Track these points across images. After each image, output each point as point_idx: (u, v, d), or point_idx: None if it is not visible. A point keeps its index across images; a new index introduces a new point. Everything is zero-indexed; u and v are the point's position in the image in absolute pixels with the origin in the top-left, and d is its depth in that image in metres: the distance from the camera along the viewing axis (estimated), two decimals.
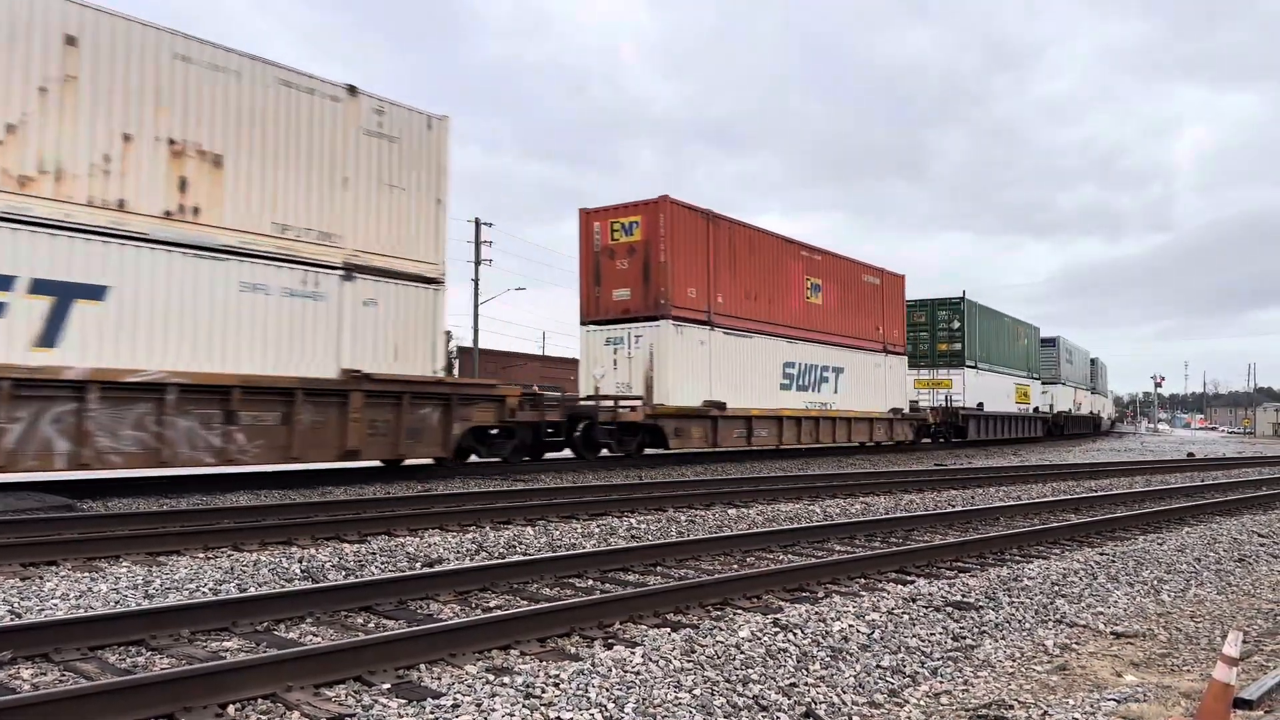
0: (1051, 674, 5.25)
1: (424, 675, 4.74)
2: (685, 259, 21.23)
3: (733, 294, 22.83)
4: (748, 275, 23.49)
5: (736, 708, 4.38)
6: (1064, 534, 10.50)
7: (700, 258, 21.75)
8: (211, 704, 4.13)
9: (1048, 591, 7.25)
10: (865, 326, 28.91)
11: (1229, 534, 10.90)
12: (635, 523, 10.72)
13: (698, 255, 21.67)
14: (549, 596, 6.78)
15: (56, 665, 4.78)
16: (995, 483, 17.82)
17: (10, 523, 9.12)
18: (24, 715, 3.67)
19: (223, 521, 9.85)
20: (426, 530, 9.81)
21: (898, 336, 31.18)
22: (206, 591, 6.66)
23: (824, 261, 26.92)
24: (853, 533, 10.19)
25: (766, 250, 24.33)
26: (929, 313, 37.51)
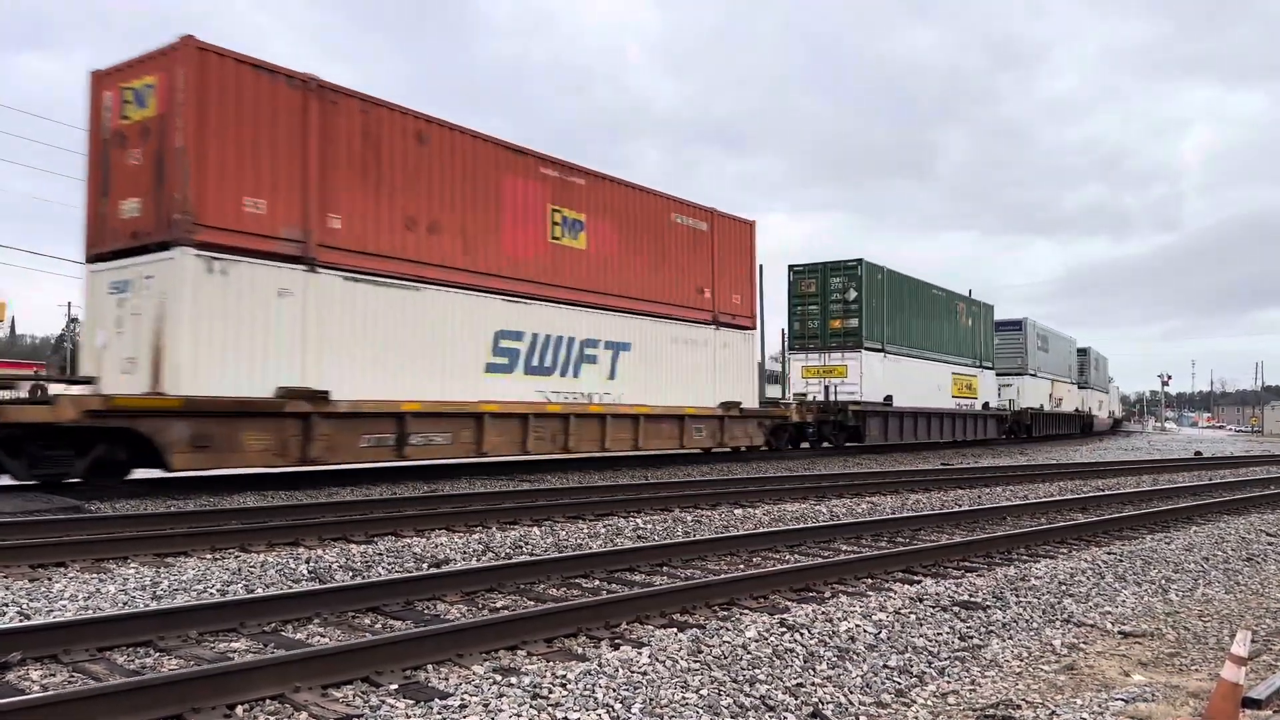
0: (1059, 674, 5.24)
1: (431, 676, 4.74)
2: (238, 148, 13.15)
3: (372, 219, 14.81)
4: (415, 193, 15.44)
5: (743, 708, 4.38)
6: (1071, 533, 10.47)
7: (284, 151, 13.70)
8: (220, 705, 4.14)
9: (1055, 591, 7.24)
10: (676, 287, 21.21)
11: (1237, 533, 10.87)
12: (641, 523, 10.72)
13: (277, 147, 13.61)
14: (556, 597, 6.78)
15: (65, 666, 4.79)
16: (1002, 482, 17.80)
17: (19, 524, 9.16)
18: (33, 716, 3.69)
19: (230, 523, 9.87)
20: (433, 531, 9.83)
21: (741, 305, 23.26)
22: (214, 592, 6.68)
23: (592, 189, 18.99)
24: (859, 532, 10.18)
25: (463, 159, 16.19)
26: (820, 280, 29.37)
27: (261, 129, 13.48)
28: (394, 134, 15.24)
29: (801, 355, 29.94)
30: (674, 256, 21.24)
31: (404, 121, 15.39)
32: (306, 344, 13.90)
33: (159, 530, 9.21)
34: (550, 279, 17.94)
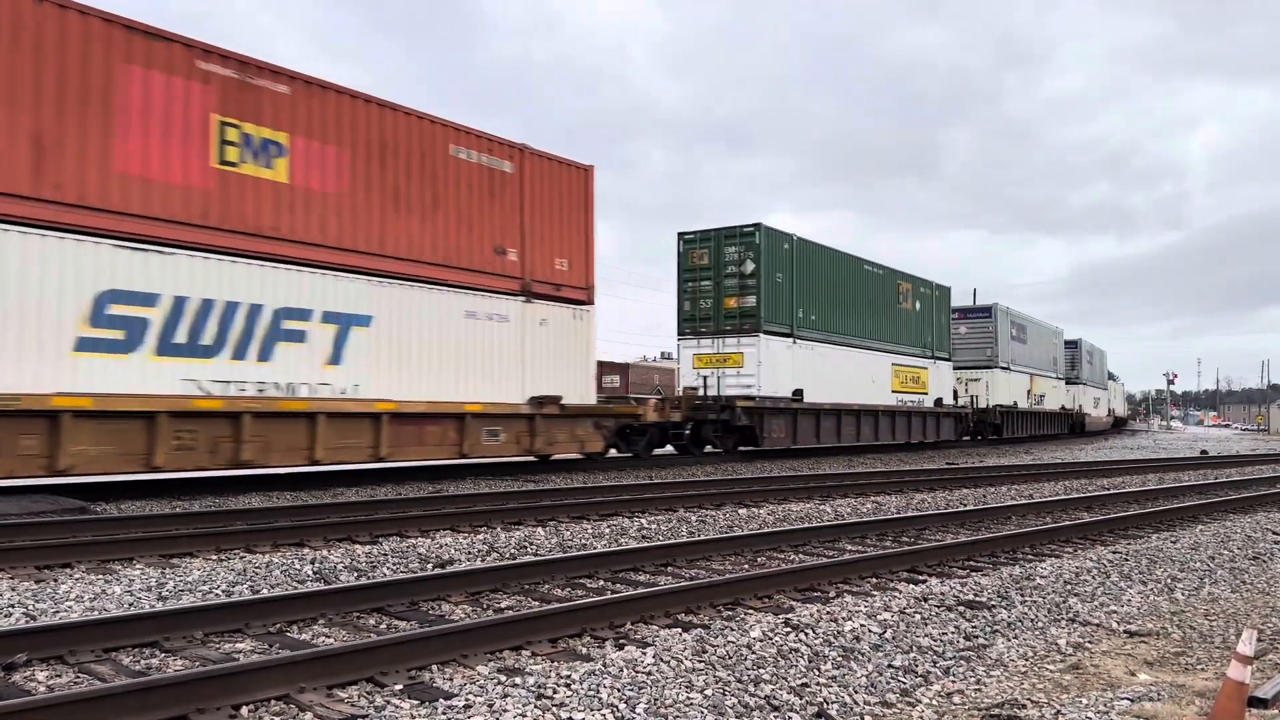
0: (1065, 673, 5.23)
1: (436, 676, 4.75)
2: None
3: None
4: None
5: (748, 708, 4.38)
6: (1076, 532, 10.46)
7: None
8: (225, 705, 4.14)
9: (1060, 590, 7.23)
10: (459, 244, 16.07)
11: (1243, 532, 10.84)
12: (646, 523, 10.72)
13: None
14: (560, 597, 6.78)
15: (71, 667, 4.80)
16: (1007, 481, 17.77)
17: (25, 525, 9.18)
18: (39, 717, 3.70)
19: (235, 523, 9.89)
20: (438, 531, 9.83)
21: (571, 273, 18.23)
22: (219, 593, 6.69)
23: (303, 102, 13.89)
24: (864, 532, 10.17)
25: (35, 34, 11.17)
26: (714, 250, 23.98)
27: None
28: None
29: (693, 341, 24.58)
30: (455, 204, 16.00)
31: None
32: None
33: (164, 531, 9.23)
34: (217, 220, 12.80)
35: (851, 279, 27.65)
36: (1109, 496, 14.54)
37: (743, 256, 23.68)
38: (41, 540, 8.42)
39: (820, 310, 25.88)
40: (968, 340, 37.63)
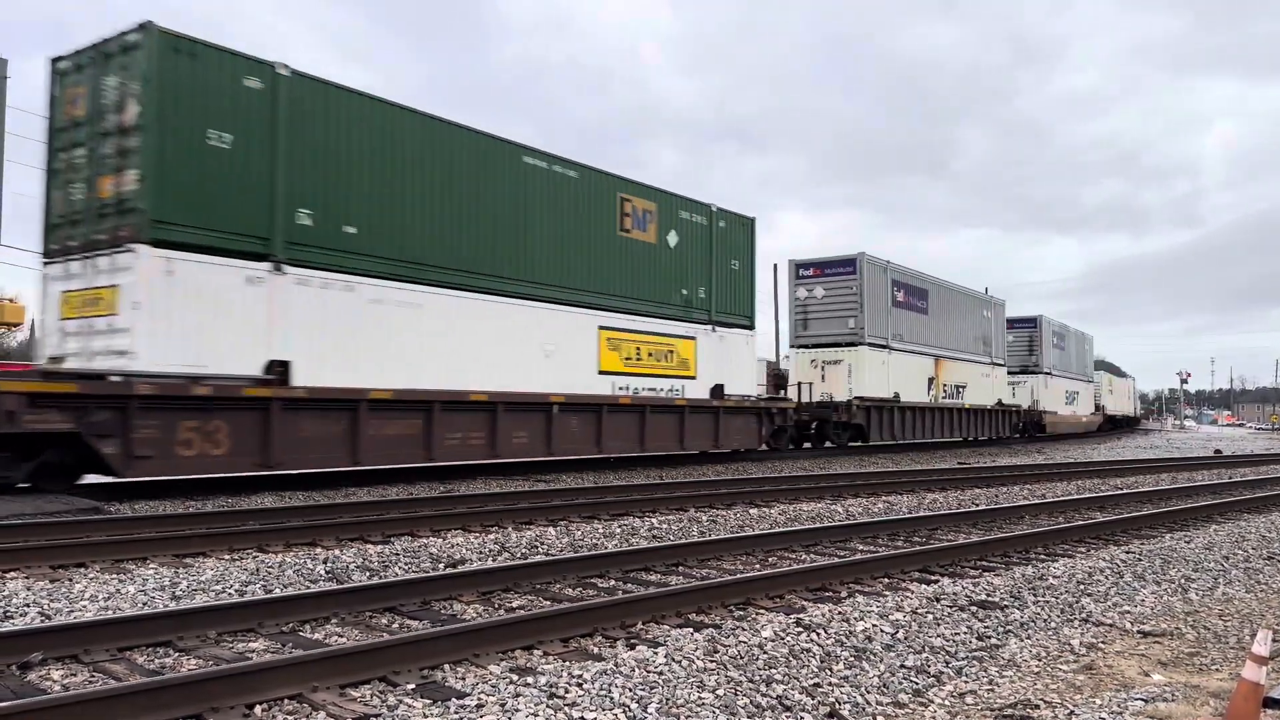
0: (1078, 673, 5.21)
1: (448, 675, 4.76)
2: None
3: None
4: None
5: (760, 708, 4.38)
6: (1089, 532, 10.41)
7: None
8: (239, 704, 4.16)
9: (1073, 590, 7.20)
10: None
11: (1258, 532, 10.78)
12: (657, 523, 10.72)
13: None
14: (572, 597, 6.79)
15: (86, 666, 4.83)
16: (1019, 481, 17.71)
17: (40, 525, 9.24)
18: (55, 716, 3.72)
19: (248, 523, 9.92)
20: (449, 531, 9.85)
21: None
22: (233, 593, 6.72)
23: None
24: (875, 532, 10.15)
25: None
26: (90, 88, 12.61)
27: None
28: None
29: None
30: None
31: None
32: None
33: (177, 531, 9.27)
34: None
35: (481, 173, 16.29)
36: (1122, 496, 14.48)
37: (120, 94, 12.52)
38: (56, 540, 8.47)
39: (359, 210, 14.39)
40: (827, 306, 28.03)
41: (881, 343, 28.54)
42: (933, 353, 31.86)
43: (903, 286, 30.19)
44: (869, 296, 27.92)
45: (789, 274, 29.77)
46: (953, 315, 33.84)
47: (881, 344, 28.52)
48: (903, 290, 30.16)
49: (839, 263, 28.21)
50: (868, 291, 27.88)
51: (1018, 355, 42.39)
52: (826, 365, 27.83)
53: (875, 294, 28.32)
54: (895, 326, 29.54)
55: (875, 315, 28.26)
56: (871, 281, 28.19)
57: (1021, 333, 43.03)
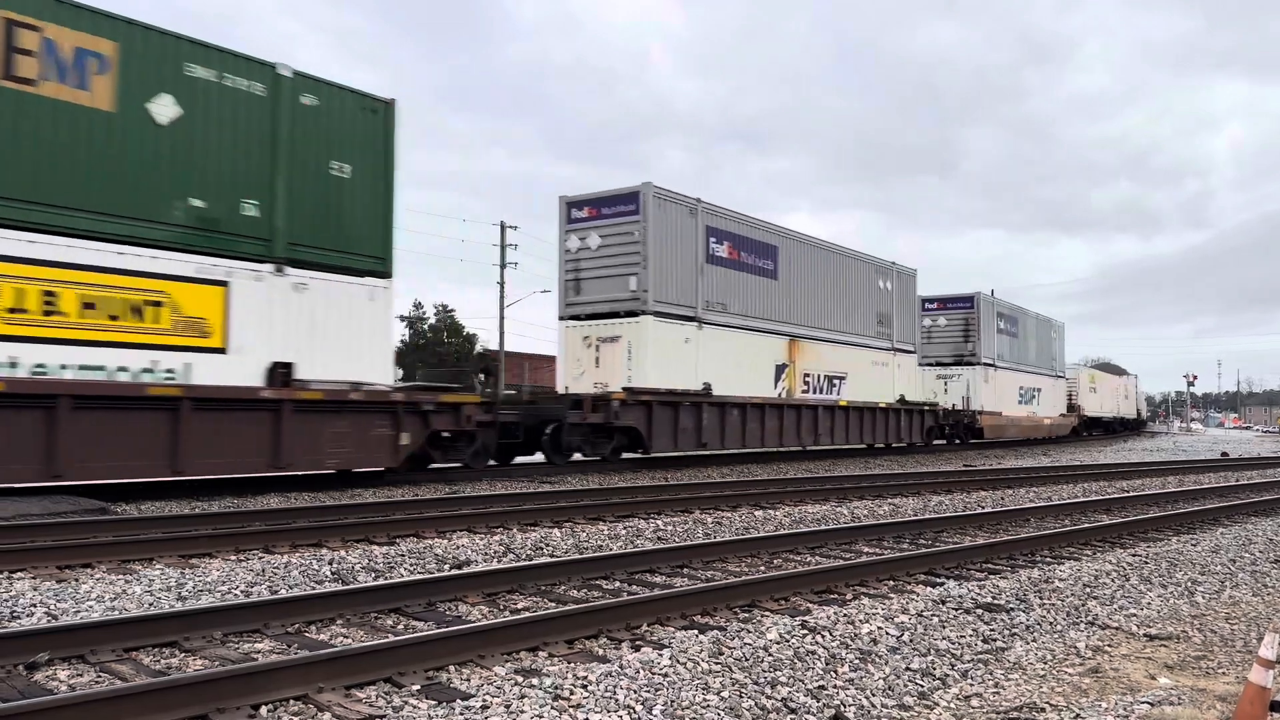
0: (1084, 676, 5.19)
1: (453, 676, 4.76)
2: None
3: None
4: None
5: (765, 710, 4.37)
6: (1095, 535, 10.39)
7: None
8: (244, 705, 4.17)
9: (1079, 593, 7.18)
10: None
11: (1264, 534, 10.75)
12: (662, 524, 10.72)
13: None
14: (576, 598, 6.79)
15: (92, 666, 4.84)
16: (1025, 484, 17.67)
17: (46, 525, 9.27)
18: (61, 716, 3.73)
19: (254, 524, 9.94)
20: (454, 532, 9.86)
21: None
22: (238, 593, 6.73)
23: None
24: (881, 534, 10.14)
25: None
26: None
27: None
28: None
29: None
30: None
31: None
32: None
33: (183, 532, 9.30)
34: None
35: None
36: (1128, 499, 14.44)
37: None
38: (63, 540, 8.50)
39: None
40: (603, 262, 20.23)
41: (683, 312, 20.56)
42: (786, 331, 23.58)
43: (727, 238, 21.70)
44: (658, 246, 19.82)
45: (560, 215, 21.15)
46: (822, 283, 25.25)
47: (683, 314, 20.57)
48: (727, 243, 21.65)
49: (616, 202, 20.13)
50: (655, 239, 19.72)
51: (948, 342, 35.26)
52: (601, 344, 20.15)
53: (671, 243, 20.26)
54: (711, 291, 21.29)
55: (670, 273, 20.18)
56: (664, 226, 20.01)
57: (955, 315, 35.35)
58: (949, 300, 35.91)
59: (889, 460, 25.41)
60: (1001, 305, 37.67)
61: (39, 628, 5.14)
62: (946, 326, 35.74)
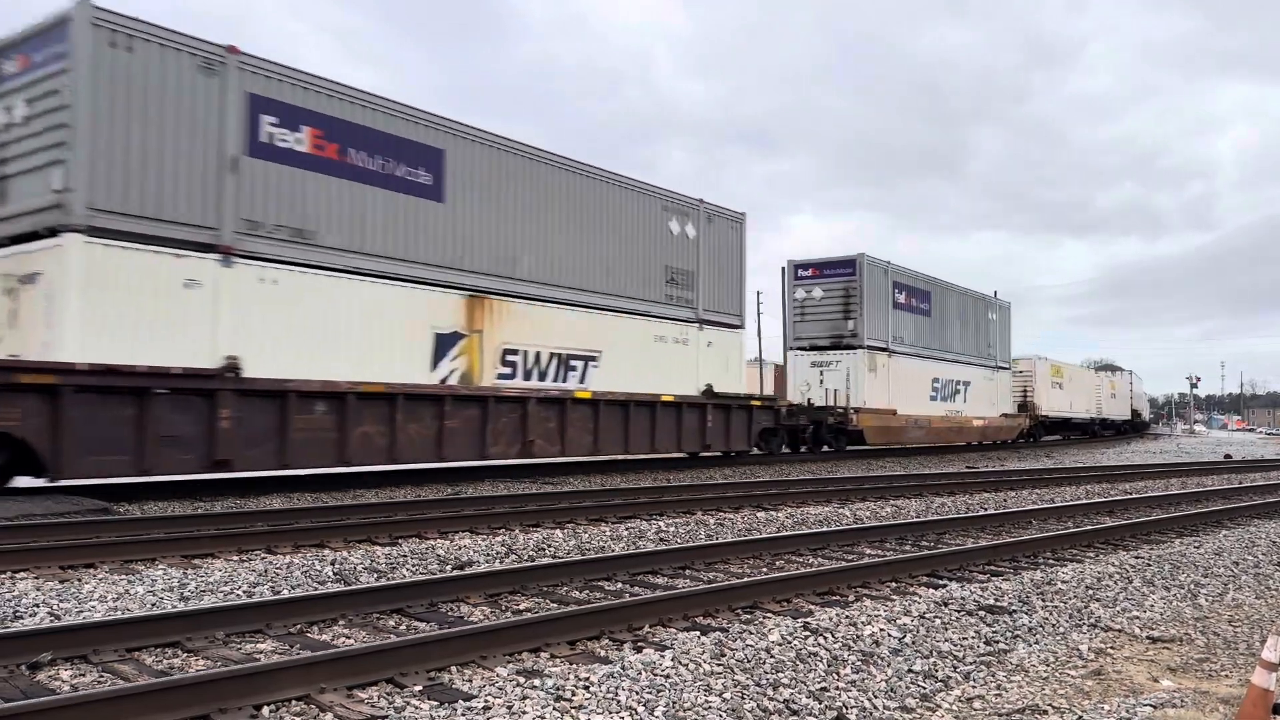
0: (1086, 679, 5.19)
1: (455, 677, 4.76)
2: None
3: None
4: None
5: (767, 711, 4.37)
6: (1098, 537, 10.38)
7: None
8: (246, 705, 4.17)
9: (1082, 595, 7.17)
10: None
11: (1268, 537, 10.73)
12: (664, 526, 10.72)
13: None
14: (578, 599, 6.79)
15: (95, 666, 4.85)
16: (1028, 486, 17.65)
17: (49, 525, 9.28)
18: (63, 716, 3.73)
19: (256, 524, 9.95)
20: (457, 533, 9.86)
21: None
22: (241, 594, 6.74)
23: None
24: (883, 536, 10.13)
25: None
26: None
27: None
28: None
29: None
30: None
31: None
32: None
33: (186, 532, 9.30)
34: None
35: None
36: (1131, 501, 14.42)
37: None
38: (65, 540, 8.50)
39: None
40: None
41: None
42: (457, 283, 16.17)
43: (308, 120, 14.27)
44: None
45: None
46: (548, 216, 17.81)
47: (194, 242, 12.77)
48: (309, 128, 14.36)
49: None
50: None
51: (825, 320, 27.80)
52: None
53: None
54: (256, 203, 13.43)
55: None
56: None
57: (834, 284, 27.71)
58: (827, 266, 28.02)
59: (891, 462, 25.38)
60: (903, 274, 29.49)
61: (42, 627, 5.15)
62: (824, 300, 27.91)
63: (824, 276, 28.10)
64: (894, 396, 28.23)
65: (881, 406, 27.44)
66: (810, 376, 27.76)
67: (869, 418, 26.62)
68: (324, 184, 14.18)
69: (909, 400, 29.10)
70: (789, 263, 28.67)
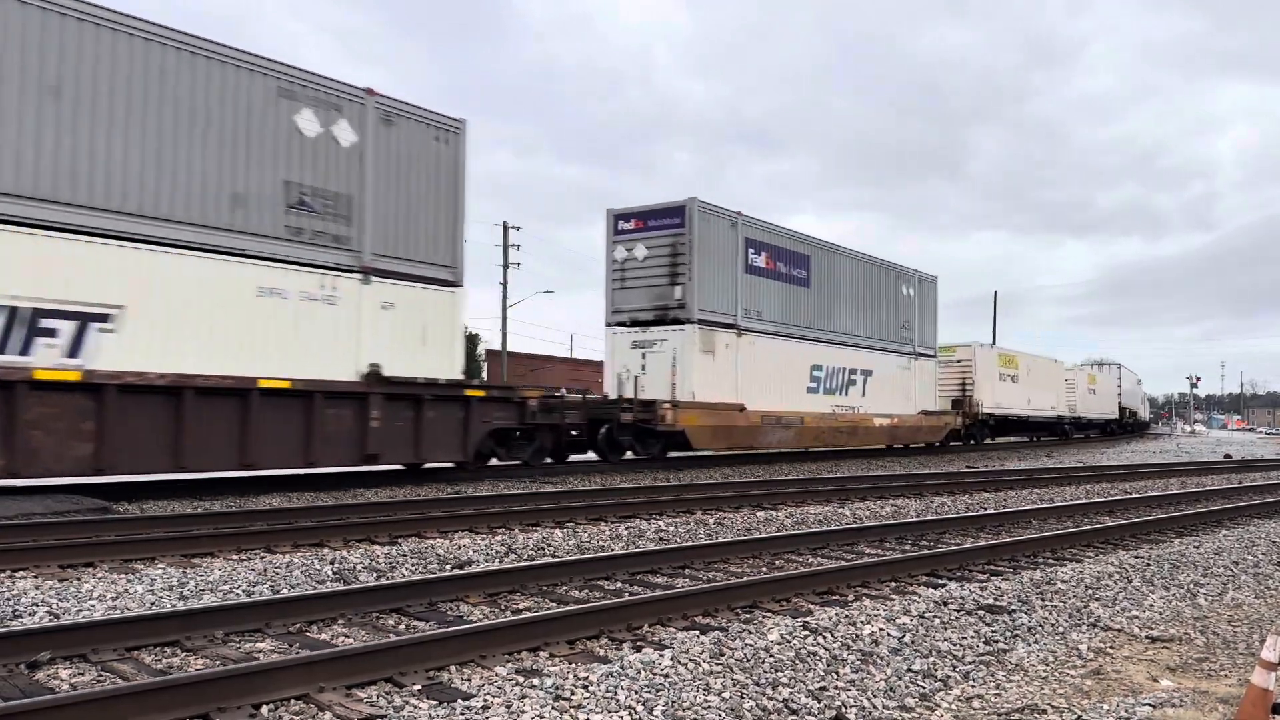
0: (1085, 678, 5.19)
1: (454, 677, 4.76)
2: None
3: None
4: None
5: (766, 711, 4.37)
6: (1098, 537, 10.38)
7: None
8: (245, 704, 4.17)
9: (1081, 595, 7.17)
10: None
11: (1267, 537, 10.73)
12: (663, 525, 10.71)
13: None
14: (578, 599, 6.79)
15: (94, 665, 4.84)
16: (1028, 485, 17.65)
17: (49, 525, 9.28)
18: (62, 715, 3.73)
19: (256, 524, 9.95)
20: (456, 532, 9.86)
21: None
22: (240, 593, 6.73)
23: None
24: (882, 535, 10.13)
25: None
26: None
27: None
28: None
29: None
30: None
31: None
32: None
33: (186, 531, 9.30)
34: None
35: None
36: (1131, 500, 14.42)
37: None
38: (65, 539, 8.50)
39: None
40: None
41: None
42: None
43: None
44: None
45: None
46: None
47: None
48: None
49: None
50: None
51: (650, 287, 21.23)
52: None
53: None
54: None
55: None
56: None
57: (659, 241, 21.10)
58: (653, 215, 21.35)
59: (891, 462, 25.37)
60: (763, 230, 22.79)
61: (41, 626, 5.14)
62: (647, 261, 21.34)
63: (649, 230, 21.28)
64: (744, 388, 21.76)
65: (719, 400, 20.95)
66: (631, 360, 21.09)
67: (694, 414, 20.14)
68: None
69: (770, 393, 22.49)
70: (608, 212, 21.96)
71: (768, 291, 22.82)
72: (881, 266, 27.36)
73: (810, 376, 24.23)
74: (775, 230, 23.35)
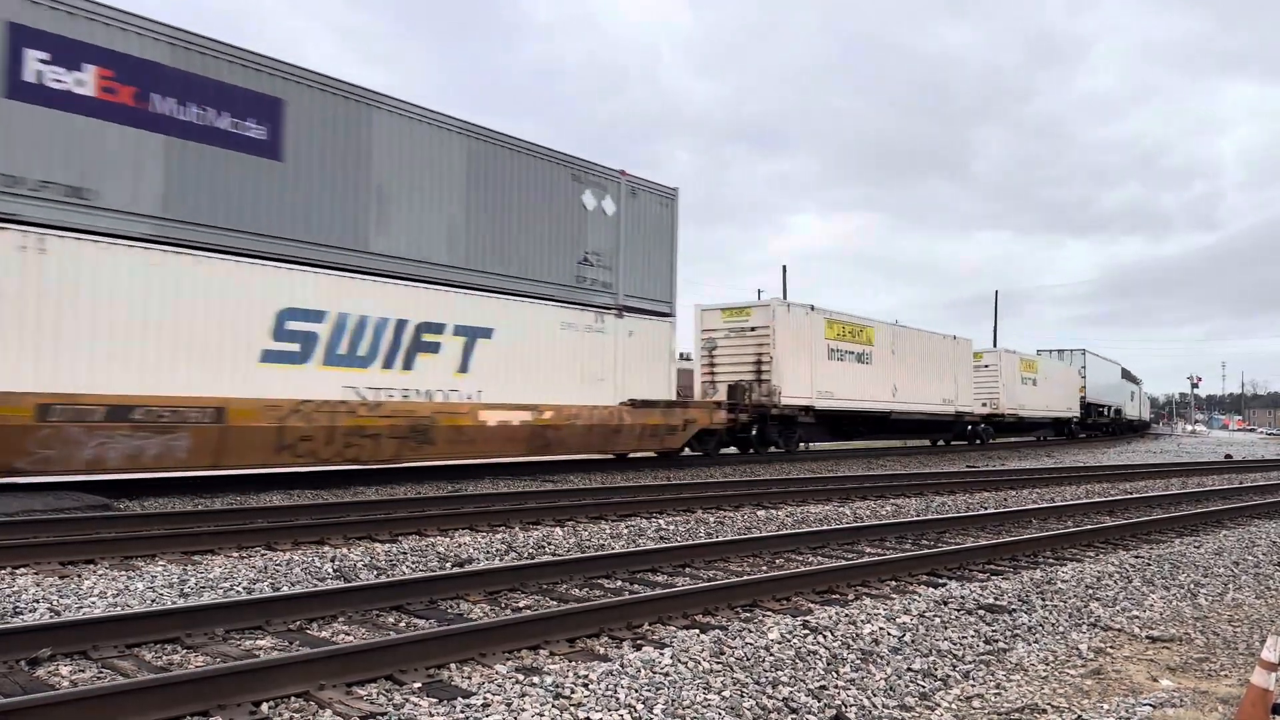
0: (1086, 678, 5.19)
1: (454, 674, 4.76)
2: None
3: None
4: None
5: (766, 710, 4.37)
6: (1098, 536, 10.38)
7: None
8: (245, 702, 4.17)
9: (1082, 595, 7.17)
10: None
11: (1268, 537, 10.73)
12: (664, 524, 10.72)
13: None
14: (578, 597, 6.79)
15: (94, 662, 4.85)
16: (1028, 485, 17.65)
17: (49, 522, 9.28)
18: (63, 712, 3.73)
19: (256, 521, 9.95)
20: (457, 530, 9.87)
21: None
22: (240, 590, 6.74)
23: None
24: (883, 535, 10.13)
25: None
26: None
27: None
28: None
29: None
30: None
31: None
32: None
33: (186, 528, 9.30)
34: None
35: None
36: (1131, 500, 14.41)
37: None
38: (66, 537, 8.50)
39: None
40: None
41: None
42: None
43: None
44: None
45: None
46: None
47: None
48: None
49: None
50: None
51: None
52: None
53: None
54: None
55: None
56: None
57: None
58: None
59: (892, 461, 25.37)
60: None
61: (41, 623, 5.15)
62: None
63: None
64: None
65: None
66: None
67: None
68: None
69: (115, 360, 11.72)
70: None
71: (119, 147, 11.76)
72: (529, 153, 17.32)
73: (278, 330, 13.45)
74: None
